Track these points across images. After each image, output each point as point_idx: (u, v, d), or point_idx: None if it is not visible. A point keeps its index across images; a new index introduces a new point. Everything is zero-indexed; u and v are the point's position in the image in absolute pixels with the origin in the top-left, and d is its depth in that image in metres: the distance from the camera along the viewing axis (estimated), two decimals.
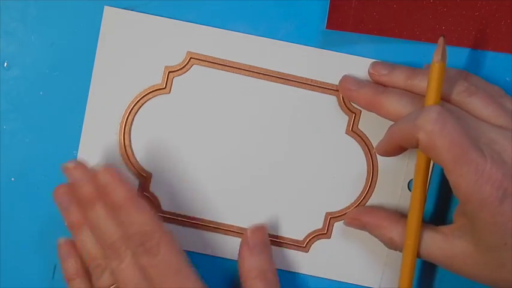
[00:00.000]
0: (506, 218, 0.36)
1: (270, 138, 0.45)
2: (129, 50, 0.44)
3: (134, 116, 0.45)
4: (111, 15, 0.44)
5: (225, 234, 0.45)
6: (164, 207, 0.45)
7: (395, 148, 0.40)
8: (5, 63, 0.44)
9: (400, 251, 0.42)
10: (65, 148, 0.45)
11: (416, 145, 0.38)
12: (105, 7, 0.44)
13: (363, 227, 0.43)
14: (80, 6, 0.44)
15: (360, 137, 0.45)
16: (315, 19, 0.44)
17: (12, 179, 0.45)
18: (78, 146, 0.45)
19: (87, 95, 0.44)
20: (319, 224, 0.45)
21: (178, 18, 0.44)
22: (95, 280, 0.42)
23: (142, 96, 0.44)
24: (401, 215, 0.43)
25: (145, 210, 0.41)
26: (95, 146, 0.45)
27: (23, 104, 0.45)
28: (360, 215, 0.44)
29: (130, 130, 0.45)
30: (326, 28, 0.43)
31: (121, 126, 0.44)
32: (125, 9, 0.44)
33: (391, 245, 0.42)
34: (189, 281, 0.40)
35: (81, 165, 0.42)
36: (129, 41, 0.44)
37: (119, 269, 0.40)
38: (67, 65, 0.44)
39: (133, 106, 0.45)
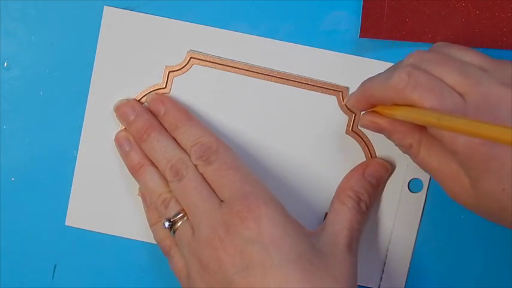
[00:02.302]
0: (499, 163, 0.35)
1: (269, 138, 0.45)
2: (129, 50, 0.44)
3: None
4: (111, 15, 0.44)
5: None
6: None
7: (366, 104, 0.40)
8: (5, 63, 0.44)
9: (416, 157, 0.40)
10: (65, 148, 0.45)
11: (387, 103, 0.38)
12: (105, 7, 0.44)
13: (381, 130, 0.40)
14: (80, 6, 0.44)
15: (360, 137, 0.45)
16: (314, 19, 0.44)
17: (12, 179, 0.45)
18: (78, 146, 0.45)
19: (87, 95, 0.44)
20: (319, 224, 0.45)
21: (178, 18, 0.44)
22: (163, 214, 0.41)
23: (143, 96, 0.44)
24: None
25: (200, 124, 0.42)
26: (95, 146, 0.45)
27: (23, 104, 0.45)
28: (379, 118, 0.40)
29: None
30: (360, 37, 0.43)
31: (121, 126, 0.44)
32: (125, 9, 0.44)
33: (410, 150, 0.40)
34: (248, 176, 0.40)
35: (131, 102, 0.44)
36: (129, 41, 0.44)
37: (180, 186, 0.40)
38: (67, 65, 0.44)
39: None
